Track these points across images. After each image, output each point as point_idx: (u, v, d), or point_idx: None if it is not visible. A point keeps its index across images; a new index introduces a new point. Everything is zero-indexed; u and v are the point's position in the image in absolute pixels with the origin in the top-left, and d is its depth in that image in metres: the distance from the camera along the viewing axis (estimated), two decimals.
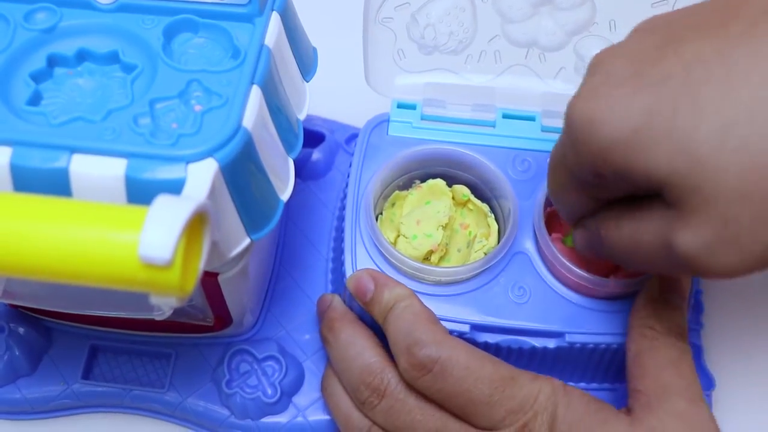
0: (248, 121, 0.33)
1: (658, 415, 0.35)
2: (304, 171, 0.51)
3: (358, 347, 0.40)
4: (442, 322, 0.40)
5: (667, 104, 0.29)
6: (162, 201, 0.26)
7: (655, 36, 0.31)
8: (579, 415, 0.36)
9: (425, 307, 0.39)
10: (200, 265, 0.29)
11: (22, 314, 0.45)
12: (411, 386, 0.38)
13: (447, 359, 0.36)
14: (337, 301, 0.43)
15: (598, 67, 0.32)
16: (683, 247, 0.29)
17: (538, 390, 0.37)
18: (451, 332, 0.40)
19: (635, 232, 0.32)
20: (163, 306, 0.28)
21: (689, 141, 0.28)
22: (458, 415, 0.37)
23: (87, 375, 0.45)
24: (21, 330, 0.44)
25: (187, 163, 0.31)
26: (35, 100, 0.34)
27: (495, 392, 0.36)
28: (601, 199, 0.34)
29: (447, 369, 0.36)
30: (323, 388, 0.42)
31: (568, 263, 0.40)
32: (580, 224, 0.37)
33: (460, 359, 0.36)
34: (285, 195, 0.36)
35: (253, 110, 0.33)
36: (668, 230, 0.30)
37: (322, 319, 0.43)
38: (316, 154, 0.51)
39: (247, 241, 0.34)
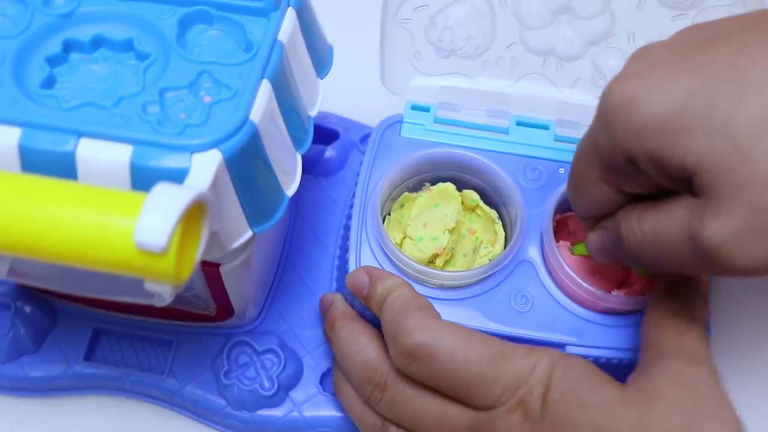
0: (256, 115, 0.33)
1: (650, 377, 0.34)
2: (316, 167, 0.51)
3: (359, 344, 0.40)
4: None
5: (709, 86, 0.29)
6: (161, 189, 0.27)
7: (699, 33, 0.32)
8: (572, 383, 0.35)
9: (416, 294, 0.39)
10: (197, 255, 0.29)
11: (29, 293, 0.46)
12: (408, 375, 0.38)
13: (431, 344, 0.36)
14: (338, 299, 0.43)
15: (639, 54, 0.32)
16: (709, 238, 0.29)
17: (534, 363, 0.36)
18: None
19: (658, 227, 0.32)
20: (160, 293, 0.28)
21: (728, 123, 0.28)
22: (455, 398, 0.37)
23: (89, 357, 0.45)
24: (27, 309, 0.45)
25: (192, 153, 0.31)
26: (49, 83, 0.34)
27: (486, 371, 0.35)
28: (626, 192, 0.34)
29: (432, 354, 0.36)
30: (335, 389, 0.43)
31: (572, 273, 0.40)
32: (598, 226, 0.37)
33: (445, 342, 0.36)
34: (290, 190, 0.37)
35: (262, 104, 0.33)
36: (695, 221, 0.30)
37: (324, 318, 0.43)
38: (330, 152, 0.51)
39: (249, 233, 0.35)
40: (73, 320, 0.46)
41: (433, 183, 0.45)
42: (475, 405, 0.36)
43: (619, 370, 0.40)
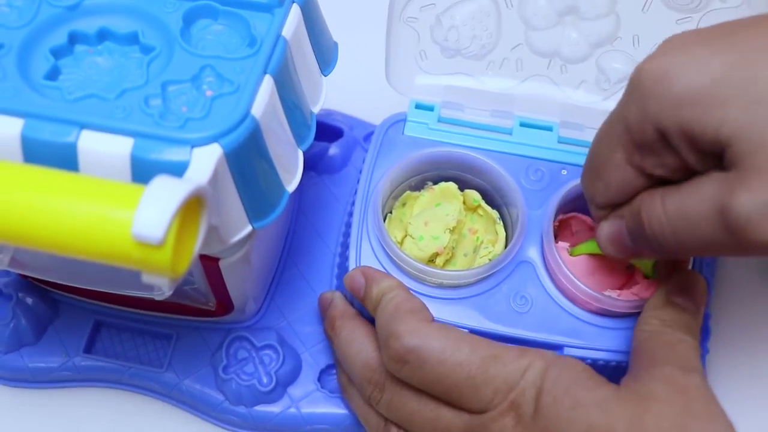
0: (257, 110, 0.33)
1: (643, 380, 0.34)
2: (320, 165, 0.51)
3: (359, 344, 0.40)
4: None
5: (746, 60, 0.29)
6: (159, 181, 0.27)
7: (730, 24, 0.32)
8: (566, 385, 0.34)
9: (409, 296, 0.39)
10: (195, 248, 0.29)
11: (31, 285, 0.46)
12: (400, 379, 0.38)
13: (421, 348, 0.36)
14: (337, 298, 0.43)
15: (672, 38, 0.33)
16: (739, 210, 0.29)
17: (527, 365, 0.35)
18: None
19: (684, 204, 0.32)
20: (158, 285, 0.28)
21: (766, 95, 0.29)
22: (448, 401, 0.36)
23: (89, 349, 0.45)
24: (29, 300, 0.45)
25: (193, 146, 0.31)
26: (53, 75, 0.34)
27: (477, 374, 0.35)
28: (649, 175, 0.34)
29: (422, 357, 0.36)
30: (341, 388, 0.43)
31: (570, 274, 0.40)
32: (613, 215, 0.36)
33: (435, 345, 0.36)
34: (291, 186, 0.37)
35: (264, 99, 0.33)
36: (724, 194, 0.30)
37: (324, 317, 0.43)
38: (334, 149, 0.51)
39: (248, 228, 0.35)
40: (74, 312, 0.46)
41: (436, 182, 0.45)
42: (467, 408, 0.36)
43: (617, 373, 0.40)
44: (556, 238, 0.42)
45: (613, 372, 0.40)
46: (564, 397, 0.34)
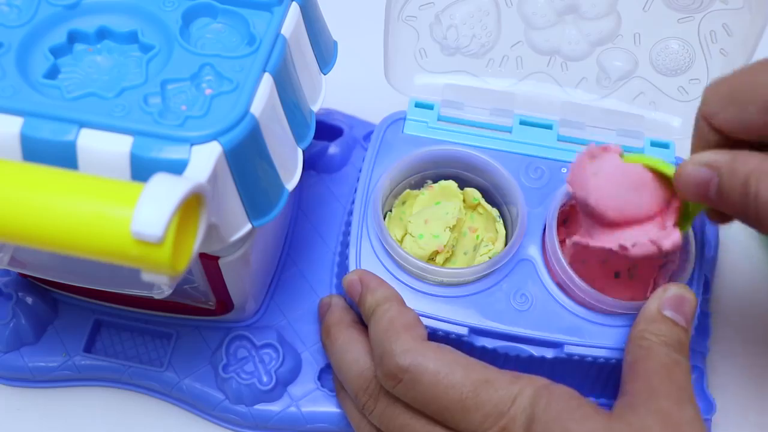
0: (256, 108, 0.33)
1: (639, 413, 0.34)
2: (319, 164, 0.51)
3: (354, 354, 0.40)
4: (441, 323, 0.40)
5: None
6: (158, 179, 0.27)
7: None
8: (556, 413, 0.35)
9: (404, 310, 0.39)
10: (195, 246, 0.29)
11: (31, 284, 0.46)
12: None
13: (415, 367, 0.36)
14: (335, 303, 0.43)
15: None
16: None
17: (517, 392, 0.36)
18: (448, 334, 0.40)
19: None
20: (158, 284, 0.28)
21: None
22: (438, 421, 0.37)
23: (89, 348, 0.45)
24: (29, 299, 0.45)
25: (192, 144, 0.31)
26: (52, 73, 0.34)
27: (468, 397, 0.36)
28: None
29: (415, 377, 0.36)
30: (337, 394, 0.43)
31: (569, 270, 0.40)
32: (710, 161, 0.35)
33: (429, 366, 0.36)
34: (290, 184, 0.37)
35: (263, 97, 0.33)
36: None
37: (321, 324, 0.43)
38: (333, 148, 0.51)
39: (248, 226, 0.35)
40: (73, 312, 0.46)
41: (435, 180, 0.45)
42: (458, 430, 0.36)
43: (617, 371, 0.40)
44: (563, 226, 0.42)
45: (612, 370, 0.40)
46: (555, 427, 0.34)
